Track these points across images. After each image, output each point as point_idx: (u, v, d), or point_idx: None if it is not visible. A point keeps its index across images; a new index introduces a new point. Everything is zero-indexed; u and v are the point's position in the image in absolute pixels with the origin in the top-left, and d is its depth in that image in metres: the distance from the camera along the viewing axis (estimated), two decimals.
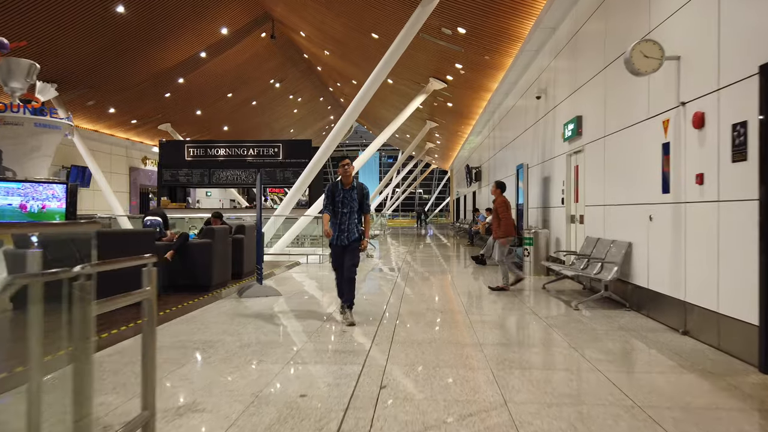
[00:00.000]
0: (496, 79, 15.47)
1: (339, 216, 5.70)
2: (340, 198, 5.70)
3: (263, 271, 7.67)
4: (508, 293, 7.68)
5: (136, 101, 22.96)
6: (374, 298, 7.31)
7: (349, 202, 5.69)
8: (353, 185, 5.77)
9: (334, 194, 5.75)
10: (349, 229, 5.71)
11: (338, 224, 5.69)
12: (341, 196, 5.71)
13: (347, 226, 5.70)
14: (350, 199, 5.70)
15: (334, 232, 5.71)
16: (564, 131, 9.15)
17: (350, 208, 5.71)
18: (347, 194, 5.71)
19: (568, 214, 9.29)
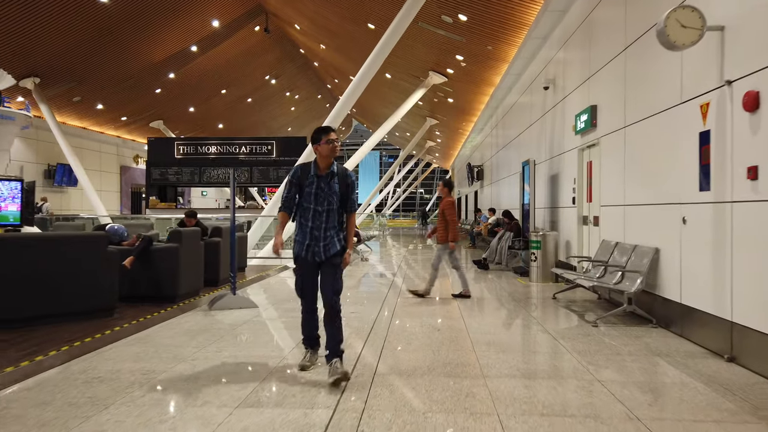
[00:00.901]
0: (499, 72, 14.60)
1: (311, 216, 3.83)
2: (312, 189, 3.83)
3: (239, 278, 6.80)
4: (518, 304, 6.81)
5: (124, 97, 22.12)
6: (363, 311, 6.44)
7: (326, 195, 3.84)
8: (333, 171, 3.88)
9: (303, 182, 3.87)
10: (327, 237, 3.84)
11: (309, 229, 3.84)
12: (314, 186, 3.83)
13: (323, 233, 3.83)
14: (328, 192, 3.84)
15: (303, 241, 3.86)
16: (576, 123, 8.27)
17: (328, 204, 3.83)
18: (324, 184, 3.84)
19: (580, 215, 8.41)
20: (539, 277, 8.86)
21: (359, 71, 11.12)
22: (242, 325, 5.57)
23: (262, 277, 9.34)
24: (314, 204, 3.84)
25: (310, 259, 3.86)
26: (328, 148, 3.84)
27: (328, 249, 3.85)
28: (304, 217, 3.87)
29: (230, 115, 30.07)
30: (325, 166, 3.87)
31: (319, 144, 3.85)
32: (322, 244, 3.84)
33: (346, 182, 3.91)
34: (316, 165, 3.88)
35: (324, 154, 3.85)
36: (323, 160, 3.87)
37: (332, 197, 3.84)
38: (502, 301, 7.12)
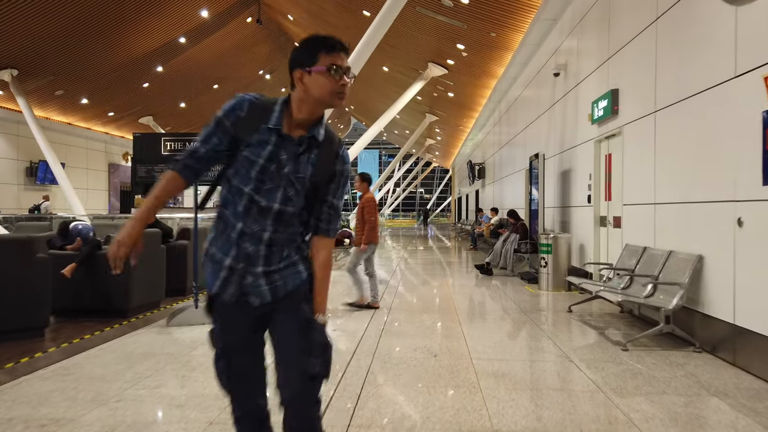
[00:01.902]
0: (502, 63, 13.64)
1: (243, 210, 1.77)
2: (261, 156, 1.75)
3: None
4: (528, 318, 5.84)
5: (110, 91, 21.15)
6: (347, 326, 5.48)
7: (287, 176, 1.77)
8: (317, 133, 1.81)
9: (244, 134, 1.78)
10: (278, 259, 1.82)
11: (238, 236, 1.78)
12: (268, 150, 1.76)
13: (268, 250, 1.80)
14: (294, 171, 1.78)
15: (221, 260, 1.80)
16: (592, 111, 7.31)
17: (286, 196, 1.78)
18: (291, 153, 1.78)
19: (597, 216, 7.45)
20: (550, 285, 7.90)
21: (350, 55, 10.14)
22: (200, 347, 4.61)
23: None
24: (255, 187, 1.75)
25: (244, 303, 1.80)
26: (331, 84, 1.74)
27: (283, 281, 1.81)
28: (231, 210, 1.79)
29: None
30: (307, 118, 1.78)
31: (312, 68, 1.74)
32: (263, 269, 1.78)
33: (334, 167, 1.84)
34: (287, 112, 1.79)
35: (317, 94, 1.75)
36: (308, 106, 1.77)
37: (298, 184, 1.77)
38: (509, 314, 6.16)
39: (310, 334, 1.80)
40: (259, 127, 1.78)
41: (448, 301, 7.08)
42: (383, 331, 5.28)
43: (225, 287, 1.79)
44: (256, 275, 1.78)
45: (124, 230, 1.70)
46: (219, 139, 1.81)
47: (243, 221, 1.77)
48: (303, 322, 1.82)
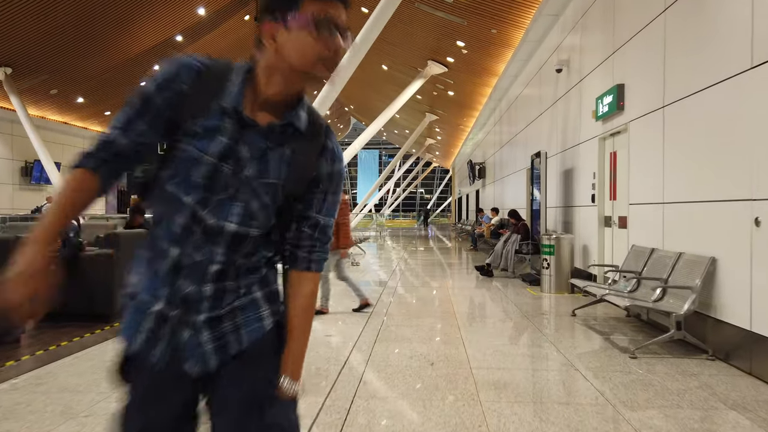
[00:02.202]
0: (503, 60, 13.39)
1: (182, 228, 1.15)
2: (211, 149, 1.14)
3: None
4: (530, 322, 5.59)
5: (106, 90, 20.92)
6: (342, 332, 5.23)
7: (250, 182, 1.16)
8: (295, 118, 1.19)
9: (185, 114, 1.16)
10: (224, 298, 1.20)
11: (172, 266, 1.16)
12: (222, 141, 1.14)
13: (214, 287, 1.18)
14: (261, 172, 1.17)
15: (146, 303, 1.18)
16: (597, 108, 7.06)
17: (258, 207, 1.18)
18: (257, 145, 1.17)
19: (601, 216, 7.20)
20: (552, 287, 7.64)
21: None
22: None
23: None
24: (201, 198, 1.15)
25: (173, 373, 1.19)
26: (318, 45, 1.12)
27: (236, 333, 1.22)
28: (163, 230, 1.19)
29: None
30: (279, 95, 1.18)
31: (291, 19, 1.11)
32: (207, 316, 1.18)
33: (319, 168, 1.25)
34: (250, 85, 1.19)
35: (295, 59, 1.13)
36: (281, 78, 1.16)
37: (266, 194, 1.19)
38: (510, 318, 5.91)
39: (269, 416, 1.21)
40: (208, 107, 1.15)
41: (447, 303, 6.82)
42: (379, 336, 5.03)
43: (149, 345, 1.18)
44: (196, 327, 1.17)
45: (20, 260, 1.05)
46: (147, 124, 1.19)
47: (180, 247, 1.15)
48: (260, 397, 1.22)
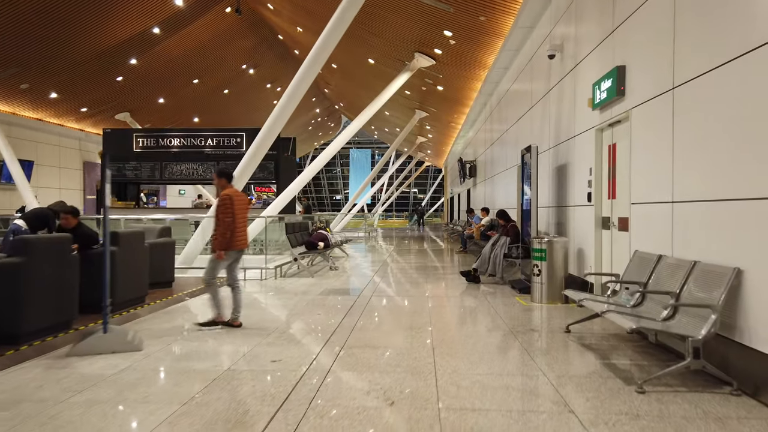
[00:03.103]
0: (493, 50, 12.60)
1: None
2: None
3: (157, 297, 4.77)
4: (518, 341, 4.78)
5: (81, 85, 19.98)
6: (291, 357, 4.40)
7: None
8: None
9: None
10: None
11: None
12: None
13: None
14: None
15: None
16: (593, 95, 6.26)
17: None
18: None
19: (598, 217, 6.40)
20: (544, 297, 6.84)
21: (322, 33, 9.05)
22: (90, 389, 3.53)
23: (189, 296, 7.29)
24: None
25: None
26: None
27: None
28: None
29: (206, 108, 28.02)
30: None
31: None
32: None
33: None
34: None
35: None
36: None
37: None
38: (495, 336, 5.10)
39: None
40: None
41: (424, 317, 6.01)
42: (336, 360, 4.20)
43: None
44: None
45: None
46: None
47: None
48: None
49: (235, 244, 5.46)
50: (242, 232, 5.56)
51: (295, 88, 9.15)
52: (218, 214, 5.39)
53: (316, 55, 8.98)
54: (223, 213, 5.35)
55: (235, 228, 5.41)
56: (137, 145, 18.28)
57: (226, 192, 5.47)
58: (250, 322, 5.69)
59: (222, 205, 5.39)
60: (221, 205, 5.40)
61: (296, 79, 9.15)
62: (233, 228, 5.39)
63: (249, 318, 5.88)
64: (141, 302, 6.42)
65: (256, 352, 4.49)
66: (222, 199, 5.42)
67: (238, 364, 4.12)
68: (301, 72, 9.13)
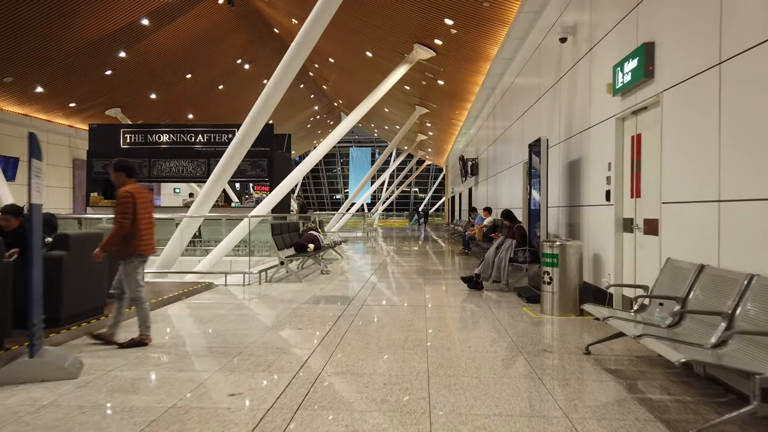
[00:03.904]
0: (497, 39, 11.81)
1: None
2: None
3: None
4: (530, 367, 4.01)
5: (69, 79, 19.23)
6: (252, 390, 3.63)
7: None
8: None
9: None
10: None
11: None
12: None
13: None
14: None
15: None
16: (614, 79, 5.48)
17: None
18: None
19: (619, 218, 5.62)
20: (555, 308, 6.06)
21: (311, 14, 8.28)
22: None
23: (160, 305, 6.52)
24: None
25: None
26: None
27: None
28: None
29: (200, 104, 27.26)
30: None
31: None
32: None
33: None
34: None
35: None
36: None
37: None
38: (502, 357, 4.32)
39: None
40: None
41: (420, 332, 5.23)
42: (307, 397, 3.42)
43: None
44: None
45: None
46: None
47: None
48: None
49: (139, 248, 4.67)
50: (147, 234, 4.76)
51: (282, 75, 8.38)
52: (115, 214, 4.61)
53: (303, 38, 8.20)
54: (122, 213, 4.56)
55: (138, 230, 4.63)
56: (125, 141, 17.55)
57: (126, 189, 4.67)
58: (217, 340, 4.92)
59: (121, 204, 4.59)
60: (120, 204, 4.60)
61: (282, 65, 8.39)
62: (136, 230, 4.62)
63: (216, 334, 5.12)
64: (98, 314, 5.65)
65: (214, 381, 3.72)
66: (122, 196, 4.62)
67: (187, 399, 3.35)
68: (287, 57, 8.37)
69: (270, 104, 8.56)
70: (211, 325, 5.55)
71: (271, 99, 8.51)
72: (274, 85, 8.39)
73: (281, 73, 8.34)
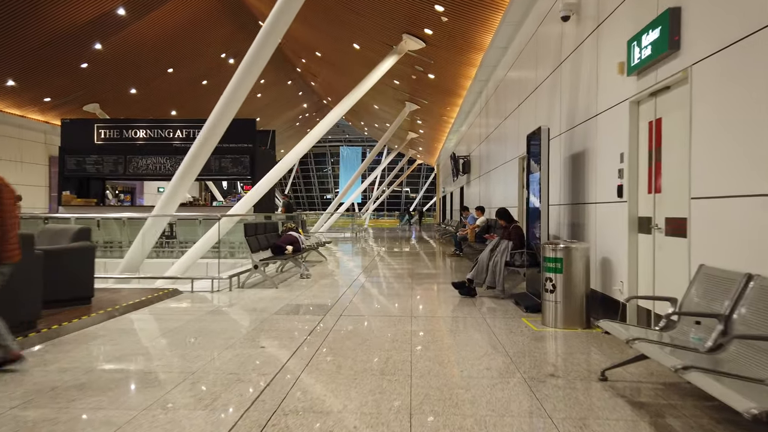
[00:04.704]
0: (491, 27, 11.08)
1: None
2: None
3: (77, 316, 3.20)
4: (535, 398, 3.25)
5: (42, 72, 18.29)
6: (213, 410, 2.84)
7: None
8: None
9: None
10: None
11: None
12: None
13: None
14: None
15: None
16: (629, 55, 4.74)
17: None
18: None
19: (633, 216, 4.88)
20: (559, 319, 5.31)
21: None
22: None
23: (107, 317, 5.70)
24: None
25: None
26: None
27: None
28: None
29: (184, 101, 26.36)
30: None
31: None
32: None
33: None
34: None
35: None
36: None
37: None
38: (502, 387, 3.56)
39: None
40: None
41: (404, 352, 4.46)
42: (271, 420, 2.64)
43: None
44: None
45: None
46: None
47: None
48: None
49: (7, 255, 3.81)
50: (15, 237, 3.89)
51: (254, 58, 7.59)
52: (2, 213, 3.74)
53: (276, 19, 7.42)
54: (8, 211, 3.73)
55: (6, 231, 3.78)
56: (99, 136, 16.70)
57: None
58: (158, 363, 4.11)
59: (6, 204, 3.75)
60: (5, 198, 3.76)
61: (254, 47, 7.60)
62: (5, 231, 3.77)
63: (159, 356, 4.31)
64: (29, 329, 4.83)
65: (136, 425, 2.92)
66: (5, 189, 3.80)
67: None
68: (259, 39, 7.58)
69: (239, 94, 7.82)
70: (157, 343, 4.74)
71: (240, 88, 7.76)
72: (244, 72, 7.61)
73: (251, 58, 7.55)
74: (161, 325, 5.51)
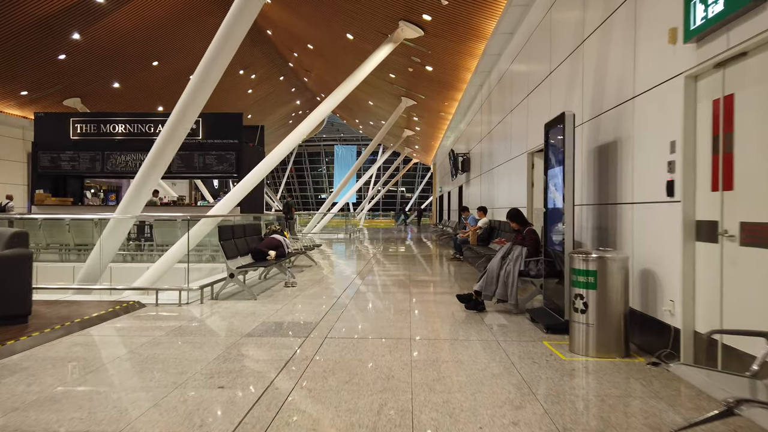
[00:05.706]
0: (495, 11, 10.12)
1: None
2: None
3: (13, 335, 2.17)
4: None
5: (16, 63, 17.22)
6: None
7: None
8: None
9: None
10: None
11: None
12: None
13: None
14: None
15: None
16: (687, 18, 3.75)
17: None
18: None
19: (689, 220, 3.91)
20: (591, 345, 4.33)
21: None
22: None
23: (44, 340, 4.69)
24: None
25: None
26: None
27: None
28: None
29: (171, 95, 25.13)
30: None
31: None
32: None
33: None
34: None
35: None
36: None
37: None
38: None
39: None
40: None
41: (401, 394, 3.47)
42: None
43: None
44: None
45: None
46: None
47: None
48: None
49: None
50: None
51: (225, 36, 6.59)
52: None
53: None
54: None
55: None
56: (75, 131, 15.61)
57: None
58: (72, 417, 3.10)
59: None
60: None
61: (225, 23, 6.61)
62: None
63: (75, 406, 3.30)
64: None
65: None
66: None
67: None
68: (232, 12, 6.59)
69: (209, 80, 6.81)
70: (89, 380, 3.73)
71: (212, 69, 6.75)
72: (217, 48, 6.62)
73: (226, 30, 6.57)
74: (105, 351, 4.50)
